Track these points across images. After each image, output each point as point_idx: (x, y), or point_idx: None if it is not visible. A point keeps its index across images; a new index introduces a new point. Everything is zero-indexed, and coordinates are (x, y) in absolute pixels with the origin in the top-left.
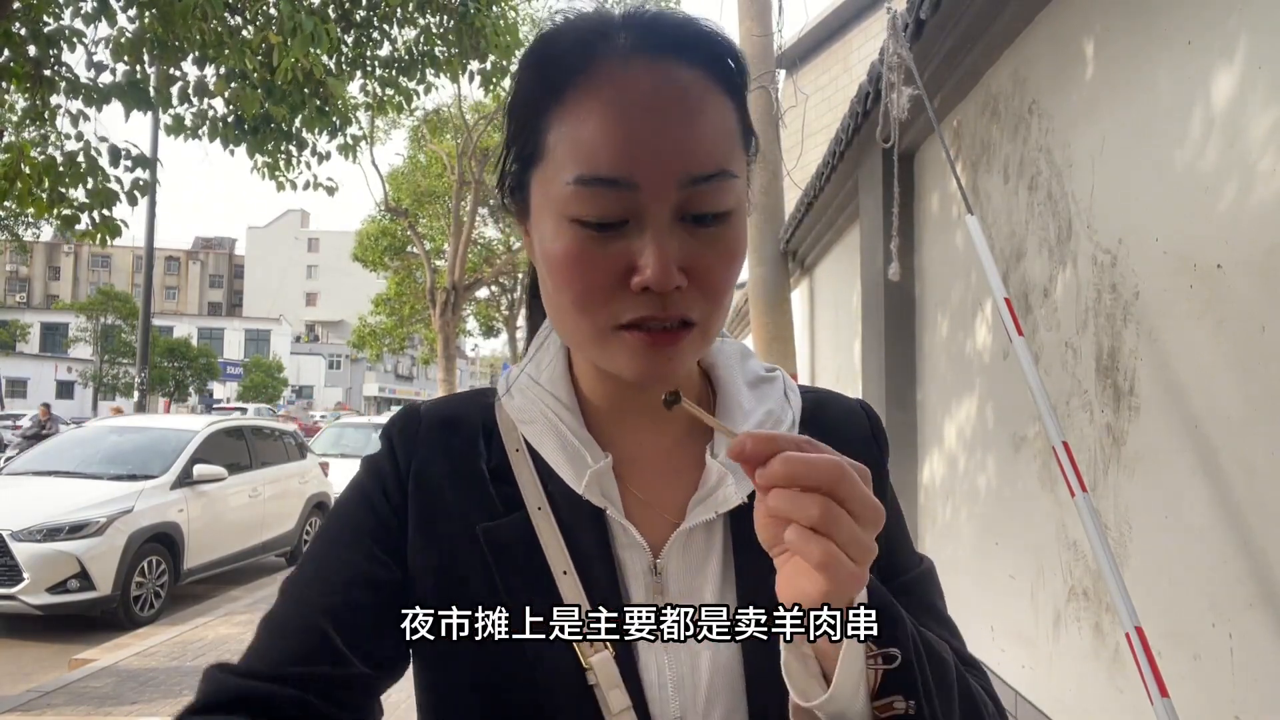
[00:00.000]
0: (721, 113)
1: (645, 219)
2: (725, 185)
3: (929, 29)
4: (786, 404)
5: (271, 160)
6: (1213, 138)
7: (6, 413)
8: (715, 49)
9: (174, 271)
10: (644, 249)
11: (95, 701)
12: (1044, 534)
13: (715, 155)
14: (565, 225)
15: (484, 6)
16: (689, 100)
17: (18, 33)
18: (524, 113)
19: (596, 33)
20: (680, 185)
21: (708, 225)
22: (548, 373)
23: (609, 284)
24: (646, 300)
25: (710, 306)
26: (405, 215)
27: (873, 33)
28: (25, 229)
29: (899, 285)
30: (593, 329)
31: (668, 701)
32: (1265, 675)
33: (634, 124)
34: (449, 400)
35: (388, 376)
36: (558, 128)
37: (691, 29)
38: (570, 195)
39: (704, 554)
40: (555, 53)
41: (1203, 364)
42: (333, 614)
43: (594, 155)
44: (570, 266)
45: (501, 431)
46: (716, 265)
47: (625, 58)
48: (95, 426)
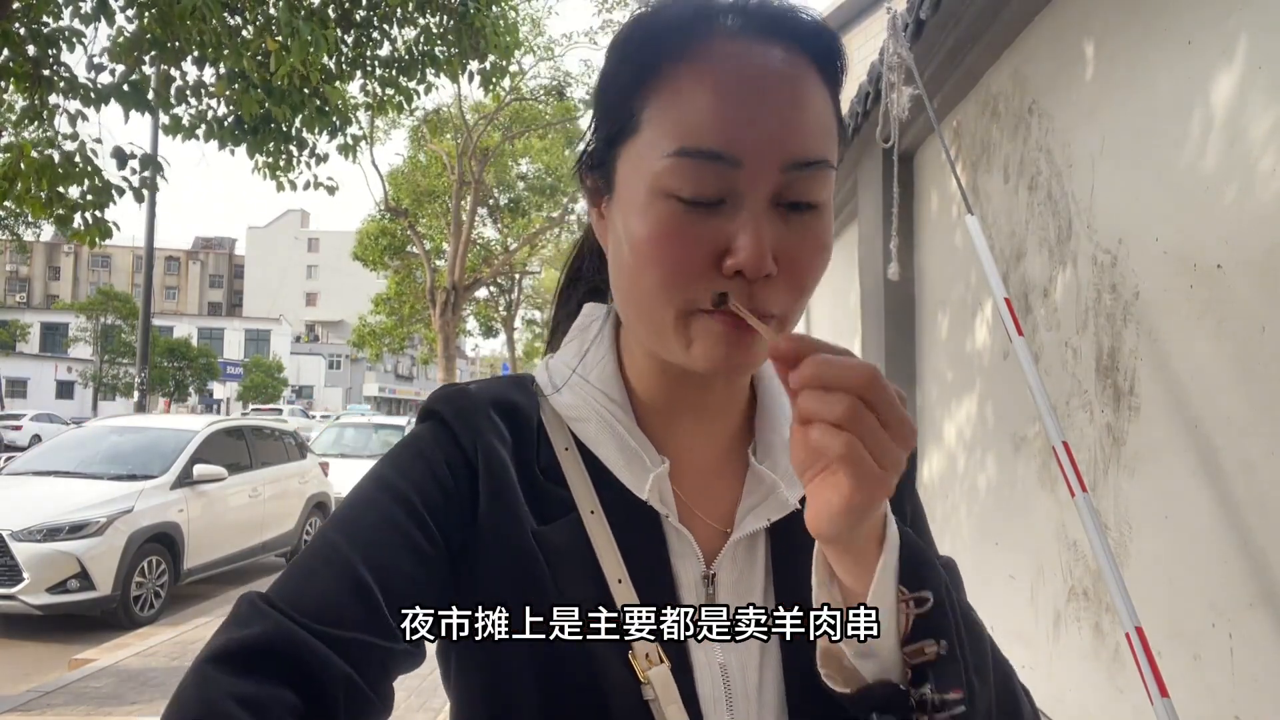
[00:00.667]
0: (823, 104)
1: (743, 199)
2: (823, 175)
3: (929, 29)
4: None
5: (272, 160)
6: (1213, 138)
7: (6, 412)
8: (822, 40)
9: (174, 271)
10: (740, 230)
11: (95, 701)
12: (1044, 534)
13: (818, 143)
14: (659, 200)
15: (484, 6)
16: (796, 85)
17: (17, 32)
18: (615, 90)
19: (701, 13)
20: (783, 168)
21: (801, 213)
22: (598, 370)
23: (700, 264)
24: (737, 285)
25: (794, 300)
26: (405, 215)
27: (873, 33)
28: (26, 229)
29: (899, 285)
30: (673, 313)
31: (722, 714)
32: (1265, 675)
33: (741, 100)
34: (496, 384)
35: (388, 376)
36: (656, 102)
37: (800, 17)
38: (668, 168)
39: (750, 564)
40: (656, 28)
41: (1203, 364)
42: (381, 575)
43: (698, 128)
44: (661, 242)
45: (549, 428)
46: (806, 256)
47: (733, 35)
48: (95, 426)
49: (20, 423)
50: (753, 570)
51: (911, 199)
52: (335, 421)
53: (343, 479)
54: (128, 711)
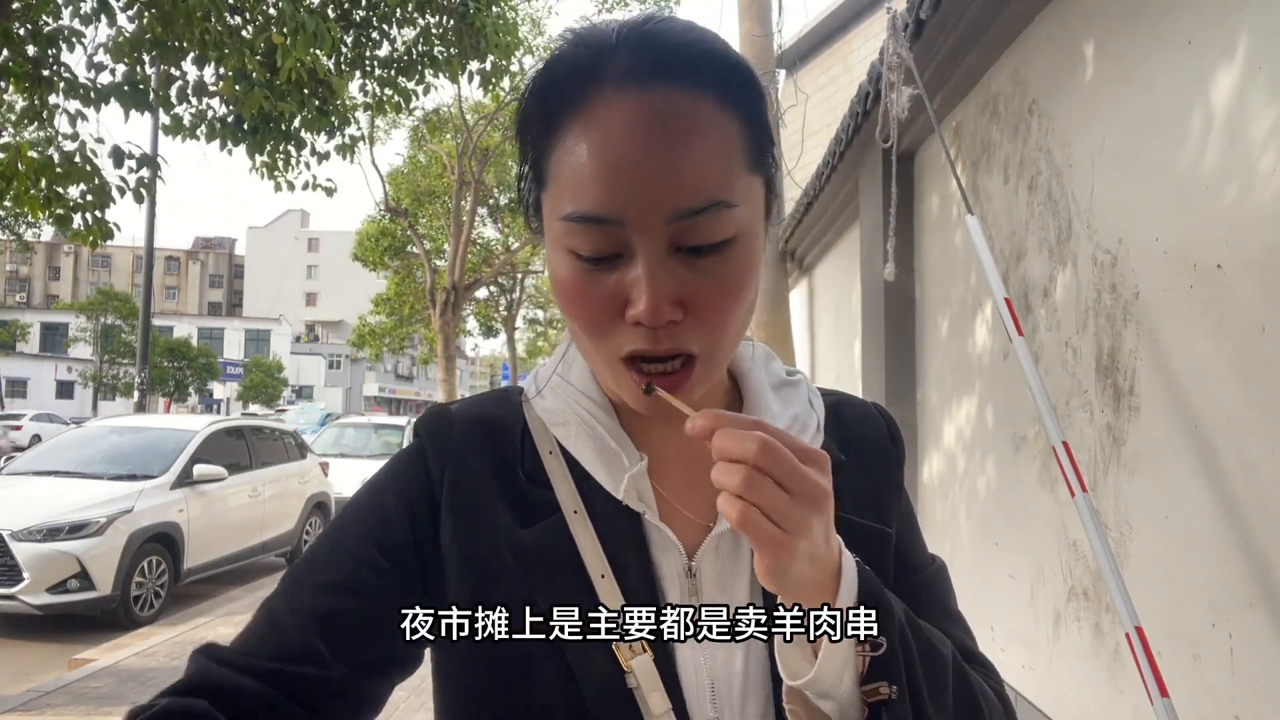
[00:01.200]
0: (721, 135)
1: (637, 254)
2: (720, 216)
3: (929, 29)
4: (811, 409)
5: (271, 160)
6: (1213, 138)
7: (6, 412)
8: (716, 67)
9: (174, 271)
10: (634, 284)
11: (95, 701)
12: (1044, 534)
13: (707, 186)
14: (565, 255)
15: (484, 6)
16: (678, 130)
17: (17, 32)
18: (526, 143)
19: (592, 58)
20: (668, 221)
21: (705, 256)
22: (577, 372)
23: (607, 316)
24: (643, 333)
25: (713, 338)
26: (405, 215)
27: (873, 33)
28: (26, 229)
29: (899, 285)
30: (600, 357)
31: (705, 703)
32: (1265, 675)
33: (619, 160)
34: (479, 401)
35: (388, 376)
36: (553, 159)
37: (692, 49)
38: (563, 230)
39: (735, 555)
40: (553, 80)
41: (1203, 364)
42: (320, 617)
43: (582, 192)
44: (570, 298)
45: (533, 433)
46: (716, 296)
47: (617, 85)
48: (95, 426)
49: (20, 423)
50: (737, 562)
51: (911, 199)
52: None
53: (343, 479)
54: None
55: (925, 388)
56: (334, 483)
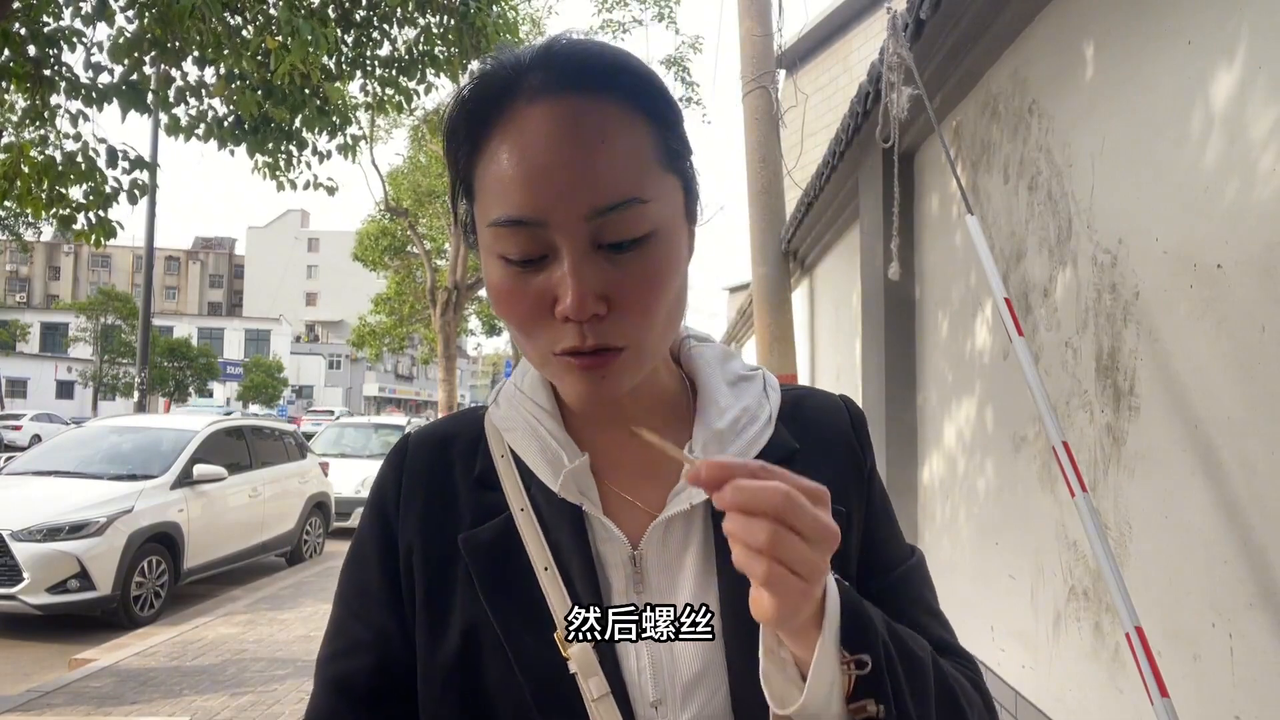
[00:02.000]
0: (630, 137)
1: (561, 251)
2: (635, 211)
3: (929, 29)
4: (765, 399)
5: (271, 161)
6: (1213, 138)
7: (6, 412)
8: (624, 77)
9: (174, 271)
10: (559, 282)
11: (95, 701)
12: (1044, 534)
13: (621, 184)
14: (495, 261)
15: (484, 6)
16: (589, 132)
17: (17, 33)
18: (453, 161)
19: (508, 79)
20: (587, 218)
21: (625, 251)
22: (530, 380)
23: (538, 315)
24: (571, 330)
25: (640, 329)
26: (405, 215)
27: (873, 33)
28: (26, 229)
29: (899, 285)
30: (536, 355)
31: (646, 688)
32: (1265, 675)
33: (536, 164)
34: (440, 422)
35: (388, 376)
36: (478, 173)
37: (598, 61)
38: (492, 236)
39: (682, 544)
40: (474, 102)
41: (1203, 364)
42: (337, 683)
43: (504, 198)
44: (503, 300)
45: (489, 441)
46: (639, 289)
47: (530, 98)
48: (95, 426)
49: (20, 423)
50: (685, 550)
51: (911, 199)
52: (337, 421)
53: (343, 479)
54: (127, 711)
55: (925, 388)
56: (334, 483)
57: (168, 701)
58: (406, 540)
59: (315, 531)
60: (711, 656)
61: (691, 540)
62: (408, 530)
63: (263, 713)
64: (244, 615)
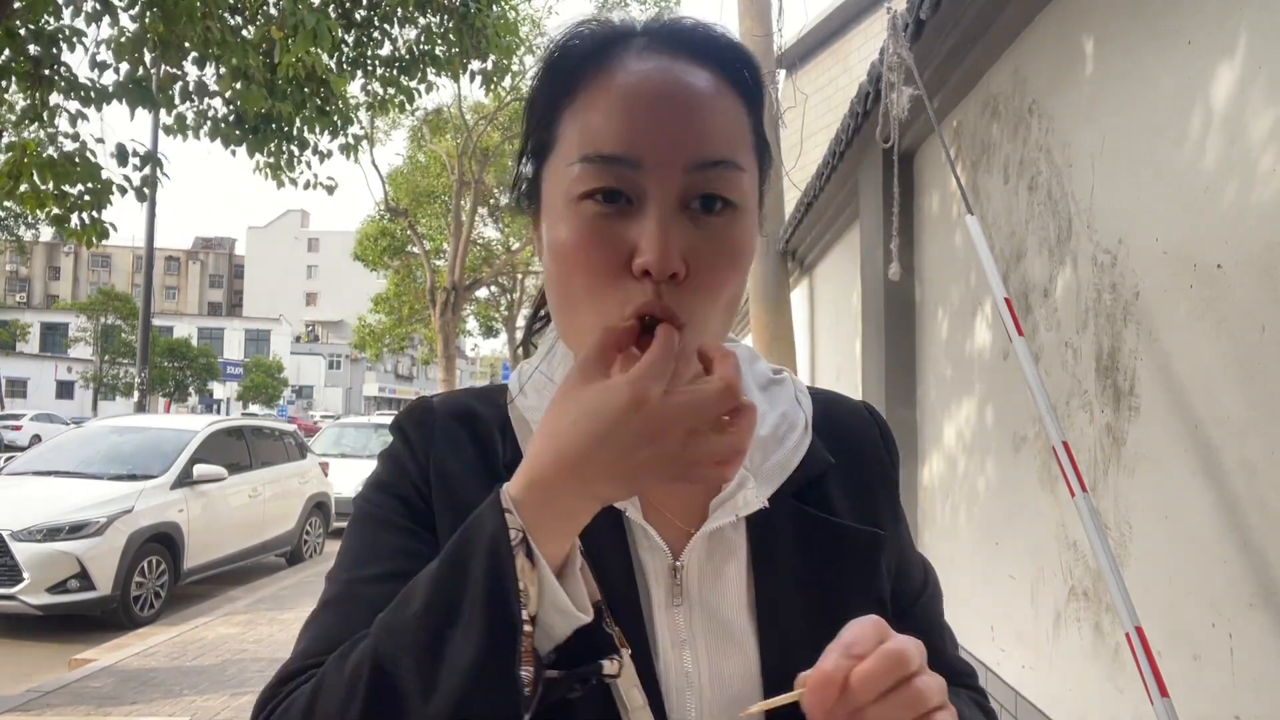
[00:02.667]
0: (733, 112)
1: (648, 200)
2: (732, 175)
3: (929, 29)
4: (799, 407)
5: (273, 160)
6: (1213, 138)
7: (6, 412)
8: (732, 55)
9: (174, 271)
10: (645, 231)
11: (95, 701)
12: (1044, 534)
13: (722, 145)
14: (573, 207)
15: (485, 6)
16: (700, 91)
17: (18, 32)
18: (538, 110)
19: (615, 35)
20: (686, 170)
21: (714, 214)
22: (561, 370)
23: (611, 269)
24: (646, 289)
25: (707, 306)
26: (405, 215)
27: (873, 33)
28: (25, 229)
29: (899, 285)
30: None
31: (686, 703)
32: (1265, 675)
33: (641, 106)
34: (461, 394)
35: (388, 376)
36: (569, 119)
37: (710, 34)
38: (577, 175)
39: (725, 558)
40: (572, 51)
41: (1203, 364)
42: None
43: (601, 135)
44: (576, 248)
45: (516, 430)
46: (718, 260)
47: (640, 54)
48: (95, 426)
49: (20, 423)
50: (726, 563)
51: (911, 199)
52: (336, 422)
53: (343, 479)
54: (127, 711)
55: (925, 388)
56: (334, 483)
57: (168, 701)
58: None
59: (315, 532)
60: (749, 674)
61: (733, 555)
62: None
63: None
64: (244, 615)
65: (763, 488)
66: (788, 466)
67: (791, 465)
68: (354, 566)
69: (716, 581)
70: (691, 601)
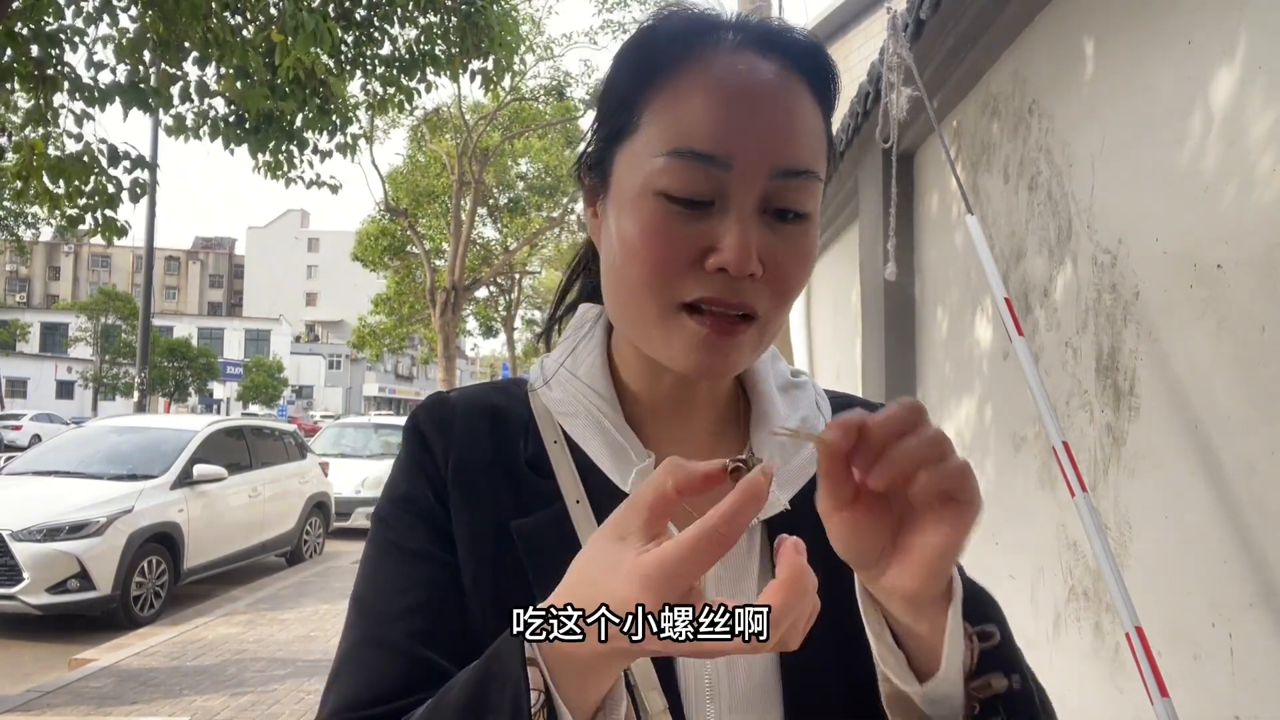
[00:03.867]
0: (815, 120)
1: (731, 202)
2: (811, 186)
3: (929, 29)
4: (818, 411)
5: (275, 160)
6: (1213, 138)
7: (6, 412)
8: (817, 61)
9: (174, 271)
10: (727, 231)
11: (95, 701)
12: (1044, 534)
13: (806, 154)
14: (650, 198)
15: (486, 5)
16: (790, 98)
17: (20, 33)
18: (618, 92)
19: (705, 25)
20: (772, 175)
21: (788, 222)
22: (586, 365)
23: (684, 261)
24: (718, 282)
25: (776, 304)
26: (405, 215)
27: (873, 33)
28: (25, 229)
29: (899, 285)
30: (656, 308)
31: (704, 706)
32: (1265, 675)
33: (736, 107)
34: (479, 389)
35: (388, 376)
36: (655, 105)
37: (796, 37)
38: (661, 168)
39: (744, 560)
40: (661, 36)
41: (1203, 364)
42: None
43: (692, 130)
44: (649, 240)
45: (538, 423)
46: (791, 263)
47: (733, 48)
48: (95, 426)
49: (20, 423)
50: (747, 566)
51: (911, 199)
52: (336, 422)
53: (343, 479)
54: (127, 711)
55: (925, 388)
56: (334, 483)
57: (168, 701)
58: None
59: (315, 531)
60: (767, 675)
61: (752, 557)
62: (457, 499)
63: (263, 713)
64: (244, 615)
65: (784, 491)
66: (809, 469)
67: (812, 469)
68: (383, 600)
69: (734, 584)
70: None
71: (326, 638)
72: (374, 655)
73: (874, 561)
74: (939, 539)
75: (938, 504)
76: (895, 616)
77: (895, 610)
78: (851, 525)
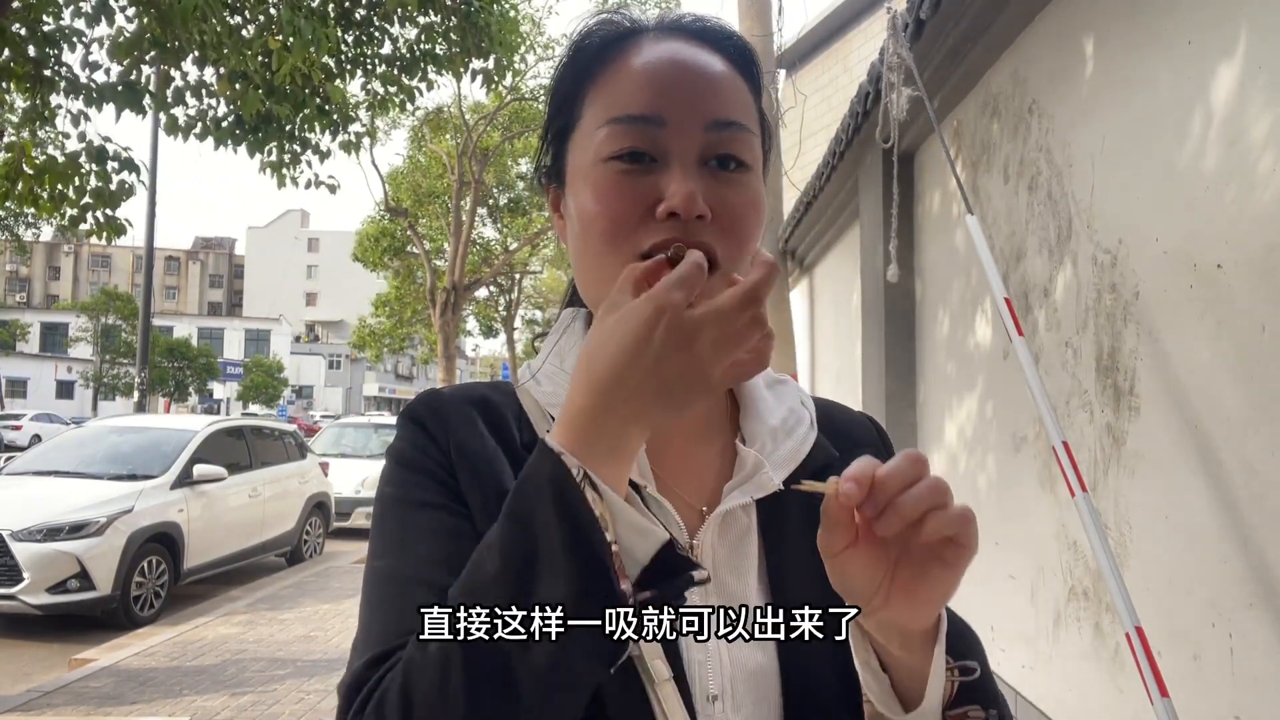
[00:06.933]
0: (741, 88)
1: (671, 156)
2: (745, 137)
3: (929, 29)
4: (803, 407)
5: (275, 160)
6: (1213, 138)
7: (6, 412)
8: (733, 43)
9: (174, 271)
10: (671, 179)
11: (95, 701)
12: (1044, 534)
13: (734, 109)
14: (599, 167)
15: (486, 5)
16: (714, 65)
17: (17, 33)
18: (560, 96)
19: (629, 30)
20: (705, 128)
21: (730, 170)
22: (572, 357)
23: (636, 215)
24: (671, 226)
25: (733, 248)
26: (405, 215)
27: (873, 33)
28: (25, 229)
29: (899, 285)
30: (619, 263)
31: (707, 678)
32: (1265, 675)
33: (662, 74)
34: (469, 385)
35: (388, 376)
36: (592, 95)
37: (711, 24)
38: (604, 137)
39: (740, 539)
40: (592, 43)
41: (1203, 364)
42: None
43: (626, 99)
44: (602, 199)
45: (530, 415)
46: (738, 206)
47: (656, 37)
48: (95, 426)
49: (20, 423)
50: (741, 545)
51: (912, 199)
52: (336, 422)
53: (343, 479)
54: (127, 711)
55: (925, 388)
56: (334, 483)
57: (168, 701)
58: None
59: (315, 531)
60: (766, 660)
61: (747, 537)
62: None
63: (263, 713)
64: (244, 615)
65: (779, 471)
66: (798, 455)
67: (801, 454)
68: (402, 548)
69: (731, 559)
70: None
71: (326, 638)
72: (400, 593)
73: (870, 597)
74: (938, 577)
75: (938, 545)
76: (885, 647)
77: (888, 642)
78: (852, 564)
